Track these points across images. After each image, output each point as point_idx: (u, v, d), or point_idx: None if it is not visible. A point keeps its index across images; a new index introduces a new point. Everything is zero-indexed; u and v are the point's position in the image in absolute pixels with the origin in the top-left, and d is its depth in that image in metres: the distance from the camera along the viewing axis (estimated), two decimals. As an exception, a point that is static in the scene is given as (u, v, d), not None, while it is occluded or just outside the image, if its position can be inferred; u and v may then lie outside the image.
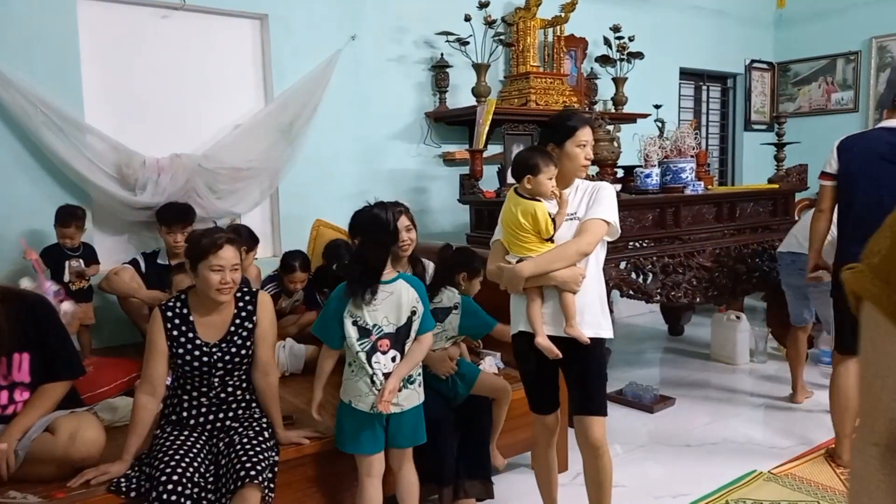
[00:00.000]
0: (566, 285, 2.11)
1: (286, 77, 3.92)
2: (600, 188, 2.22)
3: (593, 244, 2.13)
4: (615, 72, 5.03)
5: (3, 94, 3.10)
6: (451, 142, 4.63)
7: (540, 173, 2.11)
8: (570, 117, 2.27)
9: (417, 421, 2.25)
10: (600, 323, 2.18)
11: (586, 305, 2.15)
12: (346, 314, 2.15)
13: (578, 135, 2.17)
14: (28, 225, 3.21)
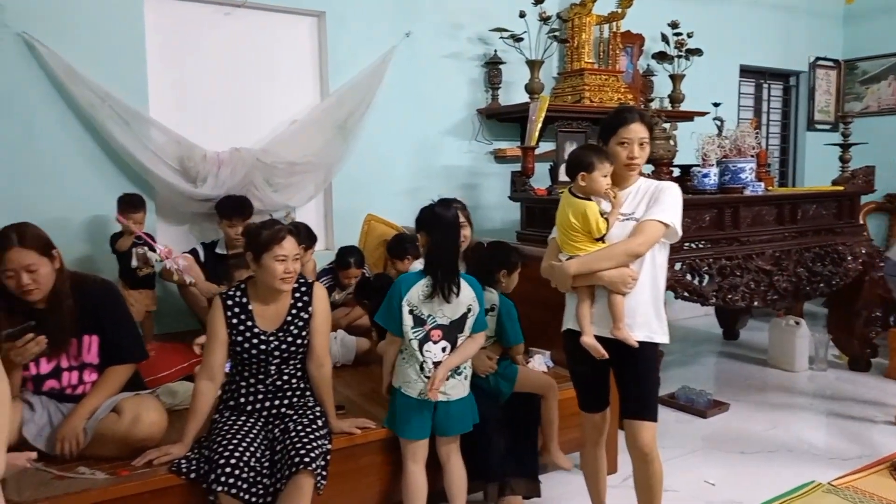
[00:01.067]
0: (614, 286, 2.06)
1: (342, 73, 3.98)
2: (663, 188, 2.12)
3: (645, 246, 2.05)
4: (672, 69, 4.92)
5: (73, 88, 3.23)
6: (503, 139, 4.61)
7: (594, 171, 2.07)
8: (615, 114, 2.19)
9: (464, 411, 2.29)
10: (653, 326, 2.11)
11: (638, 308, 2.09)
12: (404, 303, 2.22)
13: (620, 132, 2.09)
14: (93, 213, 3.34)
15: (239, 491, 1.89)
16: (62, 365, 2.13)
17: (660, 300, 2.14)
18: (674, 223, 2.07)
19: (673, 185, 2.15)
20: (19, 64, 3.16)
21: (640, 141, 2.10)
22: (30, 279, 1.98)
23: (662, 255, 2.16)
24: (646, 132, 2.11)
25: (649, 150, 2.14)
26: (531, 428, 2.59)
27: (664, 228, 2.07)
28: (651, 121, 2.15)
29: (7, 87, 3.14)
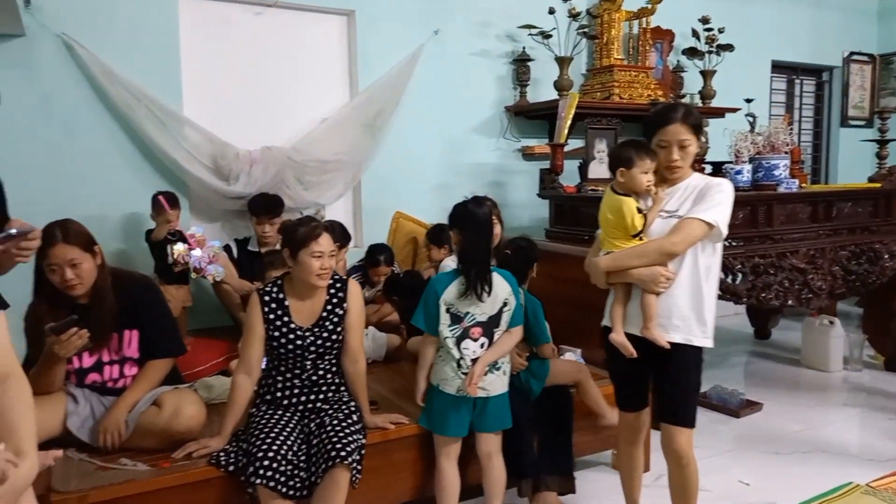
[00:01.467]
0: (645, 285, 2.03)
1: (371, 71, 4.00)
2: (711, 186, 2.04)
3: (681, 245, 1.98)
4: (703, 65, 4.87)
5: (110, 88, 3.29)
6: (531, 136, 4.60)
7: (633, 167, 2.04)
8: (657, 113, 2.13)
9: (503, 407, 2.29)
10: (692, 329, 2.03)
11: (674, 309, 2.03)
12: (441, 302, 2.23)
13: (659, 134, 2.04)
14: (130, 210, 3.41)
15: (277, 484, 1.92)
16: (103, 359, 2.18)
17: (704, 303, 2.04)
18: (717, 222, 1.98)
19: (724, 182, 2.06)
20: (59, 65, 3.23)
21: (680, 143, 2.02)
22: (73, 274, 2.03)
23: (710, 258, 2.06)
24: (688, 133, 2.02)
25: (695, 150, 2.06)
26: (564, 425, 2.58)
27: (706, 228, 1.98)
28: (697, 120, 2.04)
29: (48, 87, 3.21)
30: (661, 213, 2.08)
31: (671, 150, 2.03)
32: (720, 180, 2.07)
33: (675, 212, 2.05)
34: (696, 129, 2.05)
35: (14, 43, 3.13)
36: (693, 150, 2.05)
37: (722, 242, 2.09)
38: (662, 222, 2.06)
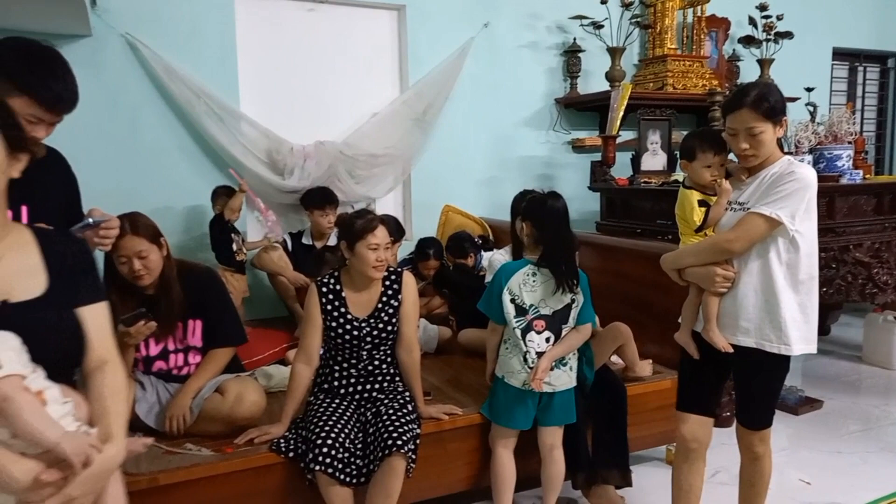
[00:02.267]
0: (702, 284, 1.94)
1: (421, 66, 4.02)
2: (783, 175, 1.84)
3: (739, 243, 1.84)
4: (760, 53, 4.74)
5: (171, 85, 3.40)
6: (581, 128, 4.56)
7: (694, 160, 1.96)
8: (729, 97, 1.96)
9: (568, 402, 2.28)
10: (765, 333, 1.87)
11: (741, 311, 1.89)
12: (505, 291, 2.22)
13: (728, 121, 1.89)
14: (189, 203, 3.52)
15: (335, 471, 1.96)
16: (169, 347, 2.26)
17: (781, 306, 1.86)
18: (780, 216, 1.79)
19: (799, 169, 1.84)
20: (123, 64, 3.35)
21: (748, 131, 1.84)
22: (141, 265, 2.10)
23: (791, 254, 1.86)
24: (758, 120, 1.82)
25: (770, 137, 1.85)
26: (619, 418, 2.55)
27: (767, 223, 1.81)
28: (773, 104, 1.82)
29: (113, 86, 3.33)
30: (734, 204, 1.95)
31: (739, 139, 1.87)
32: (797, 168, 1.85)
33: (746, 204, 1.90)
34: (771, 114, 1.84)
35: (82, 43, 3.26)
36: (767, 138, 1.85)
37: (812, 237, 1.88)
38: (732, 216, 1.93)
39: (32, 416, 1.04)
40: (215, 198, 3.32)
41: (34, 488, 1.05)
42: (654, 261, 2.89)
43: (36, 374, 1.11)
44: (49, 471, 1.05)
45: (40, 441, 1.04)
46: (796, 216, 1.81)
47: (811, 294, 1.90)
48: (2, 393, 1.02)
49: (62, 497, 1.07)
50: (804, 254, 1.87)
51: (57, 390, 1.13)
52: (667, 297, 2.82)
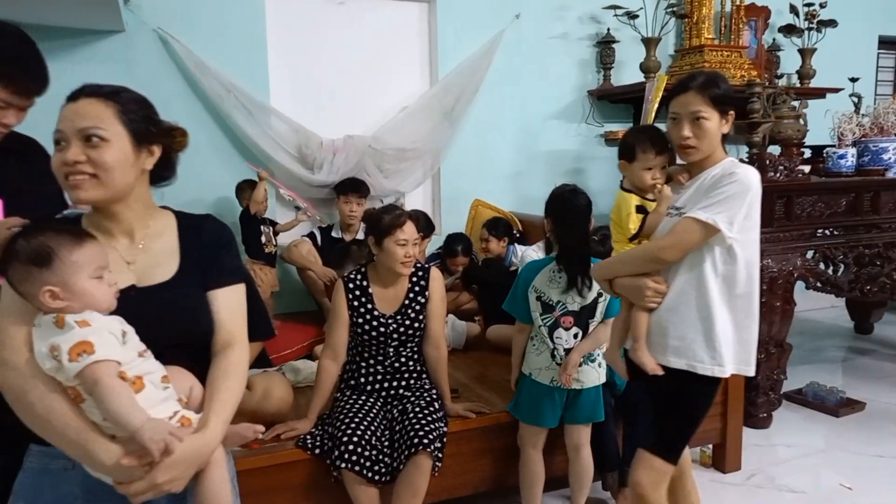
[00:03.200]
0: (631, 297, 1.76)
1: (451, 59, 3.98)
2: (723, 178, 1.65)
3: (672, 251, 1.64)
4: (802, 42, 4.57)
5: (202, 79, 3.42)
6: (614, 121, 4.46)
7: (634, 160, 1.80)
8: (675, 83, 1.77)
9: (596, 399, 2.24)
10: (697, 353, 1.68)
11: (671, 327, 1.70)
12: (530, 290, 2.19)
13: (671, 105, 1.72)
14: (219, 196, 3.53)
15: (362, 469, 1.95)
16: (198, 341, 2.26)
17: (716, 322, 1.67)
18: (717, 222, 1.59)
19: (742, 172, 1.65)
20: (155, 59, 3.38)
21: (692, 115, 1.66)
22: None
23: (728, 265, 1.67)
24: (703, 104, 1.65)
25: (716, 129, 1.67)
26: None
27: (702, 229, 1.61)
28: (720, 92, 1.66)
29: (145, 80, 3.35)
30: (670, 210, 1.76)
31: (681, 125, 1.67)
32: (739, 169, 1.66)
33: (682, 209, 1.70)
34: (718, 101, 1.67)
35: (115, 38, 3.29)
36: (712, 128, 1.66)
37: (754, 247, 1.69)
38: (668, 222, 1.73)
39: (119, 401, 1.07)
40: (239, 193, 3.33)
41: (119, 471, 1.09)
42: (688, 257, 2.85)
43: (142, 358, 1.15)
44: (129, 456, 1.08)
45: (123, 426, 1.08)
46: (735, 222, 1.62)
47: (750, 311, 1.71)
48: (93, 377, 1.07)
49: (148, 482, 1.10)
50: (742, 265, 1.67)
51: (160, 375, 1.16)
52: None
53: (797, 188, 3.09)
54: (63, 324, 1.10)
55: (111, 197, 1.22)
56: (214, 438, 1.19)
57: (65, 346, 1.07)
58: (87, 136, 1.17)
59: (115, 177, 1.19)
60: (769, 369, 3.04)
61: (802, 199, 3.12)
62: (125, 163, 1.21)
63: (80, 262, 1.12)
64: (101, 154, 1.18)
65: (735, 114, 1.72)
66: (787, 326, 3.08)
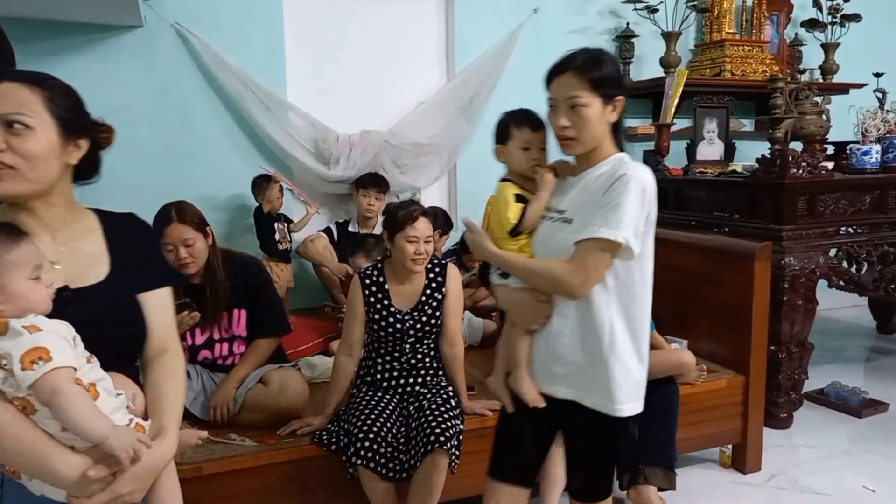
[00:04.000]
0: (514, 315, 1.57)
1: (468, 53, 3.95)
2: (613, 178, 1.42)
3: (585, 286, 1.41)
4: (825, 37, 4.50)
5: (220, 75, 3.42)
6: (633, 116, 4.41)
7: (509, 139, 1.60)
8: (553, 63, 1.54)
9: None
10: (588, 384, 1.47)
11: (562, 356, 1.49)
12: None
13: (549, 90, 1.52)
14: (236, 191, 3.54)
15: (378, 465, 1.94)
16: (214, 337, 2.27)
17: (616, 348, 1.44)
18: (627, 239, 1.37)
19: (634, 171, 1.42)
20: (174, 54, 3.39)
21: (570, 102, 1.44)
22: (186, 253, 2.11)
23: (622, 280, 1.45)
24: (581, 89, 1.43)
25: (596, 117, 1.44)
26: (667, 416, 2.45)
27: (611, 250, 1.40)
28: (602, 75, 1.44)
29: (164, 75, 3.37)
30: (552, 212, 1.53)
31: (558, 112, 1.47)
32: (629, 167, 1.43)
33: (566, 213, 1.49)
34: (600, 85, 1.43)
35: (134, 34, 3.31)
36: (592, 116, 1.44)
37: (650, 258, 1.49)
38: (551, 228, 1.51)
39: (81, 411, 1.02)
40: (255, 188, 3.33)
41: (82, 484, 1.03)
42: (708, 254, 2.81)
43: (90, 364, 1.09)
44: (96, 467, 1.03)
45: (88, 436, 1.03)
46: (639, 234, 1.41)
47: (643, 333, 1.50)
48: (51, 386, 0.99)
49: (110, 493, 1.06)
50: (639, 280, 1.47)
51: (110, 382, 1.12)
52: (721, 292, 2.72)
53: (820, 185, 3.03)
54: (6, 329, 1.01)
55: (32, 191, 1.12)
56: (173, 445, 1.17)
57: (16, 353, 0.98)
58: (9, 121, 1.08)
59: (37, 169, 1.10)
60: (790, 369, 2.98)
61: (826, 196, 3.07)
62: (50, 154, 1.11)
63: (17, 262, 1.04)
64: (25, 143, 1.08)
65: (624, 99, 1.49)
66: (809, 326, 3.02)
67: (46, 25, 3.12)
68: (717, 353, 2.76)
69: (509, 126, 1.61)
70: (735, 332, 2.68)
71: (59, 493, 1.06)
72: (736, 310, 2.66)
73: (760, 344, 2.64)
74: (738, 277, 2.64)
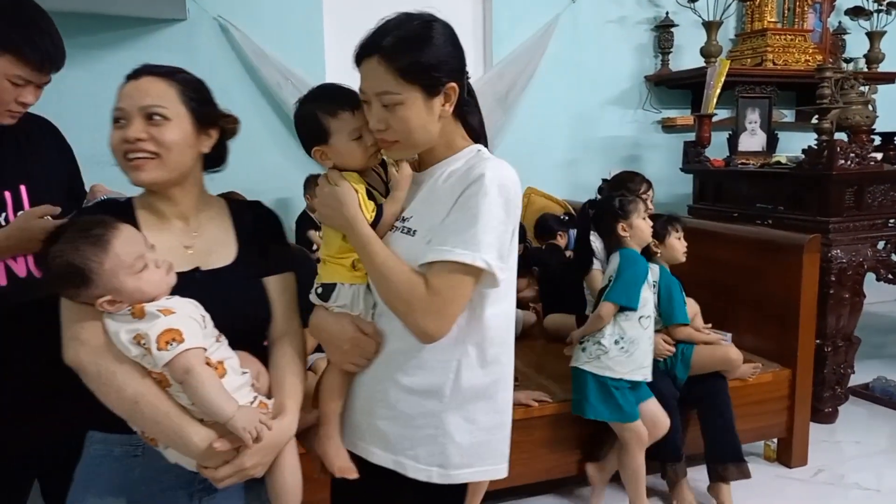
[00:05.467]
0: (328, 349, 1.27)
1: (505, 45, 3.94)
2: (467, 182, 1.12)
3: (444, 325, 1.12)
4: (870, 25, 4.40)
5: (261, 67, 3.46)
6: (672, 107, 4.37)
7: (329, 136, 1.22)
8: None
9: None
10: (414, 447, 1.19)
11: (378, 403, 1.21)
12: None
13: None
14: (278, 193, 3.56)
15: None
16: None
17: (460, 397, 1.17)
18: (490, 264, 1.09)
19: (498, 176, 1.12)
20: (216, 46, 3.43)
21: (381, 99, 1.13)
22: None
23: (476, 312, 1.17)
24: (392, 83, 1.11)
25: (421, 116, 1.14)
26: (724, 410, 2.40)
27: (472, 276, 1.11)
28: (417, 61, 1.12)
29: (206, 68, 3.34)
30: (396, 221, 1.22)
31: (370, 110, 1.15)
32: (490, 166, 1.12)
33: (409, 221, 1.20)
34: (419, 75, 1.12)
35: (178, 27, 3.36)
36: (413, 117, 1.13)
37: (512, 281, 1.21)
38: (396, 240, 1.19)
39: (210, 391, 1.07)
40: (308, 187, 3.27)
41: (209, 455, 1.09)
42: (753, 246, 2.78)
43: (219, 343, 1.14)
44: (221, 441, 1.09)
45: (215, 415, 1.08)
46: (503, 254, 1.13)
47: (503, 378, 1.21)
48: (184, 366, 1.05)
49: (235, 467, 1.11)
50: (501, 310, 1.19)
51: (237, 360, 1.16)
52: (766, 285, 2.69)
53: (869, 177, 2.98)
54: (143, 313, 1.07)
55: (171, 178, 1.18)
56: (293, 423, 1.19)
57: (152, 333, 1.05)
58: (149, 114, 1.14)
59: (176, 157, 1.17)
60: (836, 363, 2.94)
61: (874, 187, 3.01)
62: (186, 143, 1.18)
63: (116, 267, 1.06)
64: (164, 133, 1.15)
65: (457, 86, 1.16)
66: (856, 320, 2.98)
67: (90, 19, 3.18)
68: (760, 347, 2.73)
69: (320, 119, 1.21)
70: (781, 325, 2.65)
71: (192, 463, 1.12)
72: (781, 303, 2.62)
73: (808, 338, 2.61)
74: (785, 270, 2.60)
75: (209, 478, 1.11)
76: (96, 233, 1.08)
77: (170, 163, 1.16)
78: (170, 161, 1.16)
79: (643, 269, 2.22)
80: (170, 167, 1.17)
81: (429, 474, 1.18)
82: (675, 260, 2.43)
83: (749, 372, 2.53)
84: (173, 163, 1.17)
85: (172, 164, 1.17)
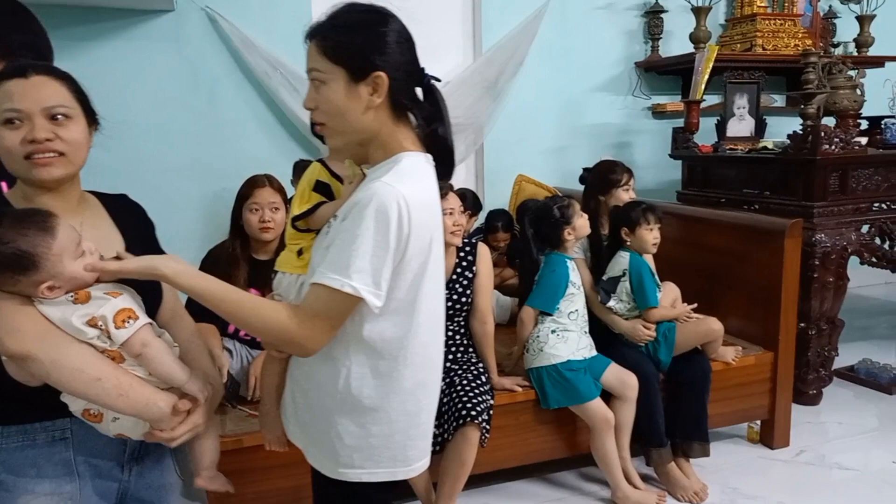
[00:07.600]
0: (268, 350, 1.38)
1: (494, 32, 3.93)
2: (356, 206, 1.10)
3: (309, 342, 1.11)
4: (860, 9, 4.39)
5: (249, 57, 3.46)
6: (662, 93, 4.37)
7: None
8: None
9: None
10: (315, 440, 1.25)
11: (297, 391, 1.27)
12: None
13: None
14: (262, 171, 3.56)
15: (411, 438, 1.98)
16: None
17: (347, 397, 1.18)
18: (358, 290, 1.07)
19: (385, 198, 1.08)
20: (203, 37, 3.43)
21: (311, 78, 1.18)
22: (270, 217, 2.28)
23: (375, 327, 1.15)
24: (321, 61, 1.15)
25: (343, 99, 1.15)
26: (698, 390, 2.44)
27: (343, 300, 1.08)
28: (346, 43, 1.15)
29: (194, 58, 3.42)
30: (334, 219, 1.20)
31: (309, 92, 1.20)
32: (379, 184, 1.09)
33: (331, 227, 1.20)
34: (345, 56, 1.14)
35: (165, 18, 3.35)
36: (334, 96, 1.15)
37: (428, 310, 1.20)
38: (316, 243, 1.24)
39: (166, 359, 1.18)
40: (297, 172, 3.33)
41: (173, 416, 1.18)
42: (738, 231, 2.80)
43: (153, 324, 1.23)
44: (182, 401, 1.19)
45: (173, 380, 1.19)
46: (383, 281, 1.09)
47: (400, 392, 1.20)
48: (144, 339, 1.14)
49: (190, 423, 1.21)
50: (386, 328, 1.15)
51: (168, 335, 1.27)
52: (751, 269, 2.72)
53: (853, 161, 3.00)
54: (88, 297, 1.12)
55: (72, 174, 1.22)
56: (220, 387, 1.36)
57: (108, 314, 1.11)
58: (53, 114, 1.16)
59: (79, 154, 1.20)
60: (820, 346, 2.98)
61: (858, 172, 3.03)
62: (85, 140, 1.22)
63: (61, 252, 1.10)
64: (69, 132, 1.17)
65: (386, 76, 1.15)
66: (840, 302, 3.01)
67: (78, 11, 3.18)
68: (746, 330, 2.77)
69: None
70: (764, 308, 2.68)
71: (136, 432, 1.19)
72: (765, 287, 2.66)
73: (790, 321, 2.64)
74: (768, 254, 2.63)
75: (163, 439, 1.19)
76: (39, 220, 1.12)
77: (75, 160, 1.20)
78: (75, 158, 1.20)
79: (563, 273, 2.35)
80: (76, 164, 1.21)
81: (321, 466, 1.25)
82: (644, 251, 2.47)
83: (732, 355, 2.57)
84: (78, 160, 1.21)
85: (77, 161, 1.21)
